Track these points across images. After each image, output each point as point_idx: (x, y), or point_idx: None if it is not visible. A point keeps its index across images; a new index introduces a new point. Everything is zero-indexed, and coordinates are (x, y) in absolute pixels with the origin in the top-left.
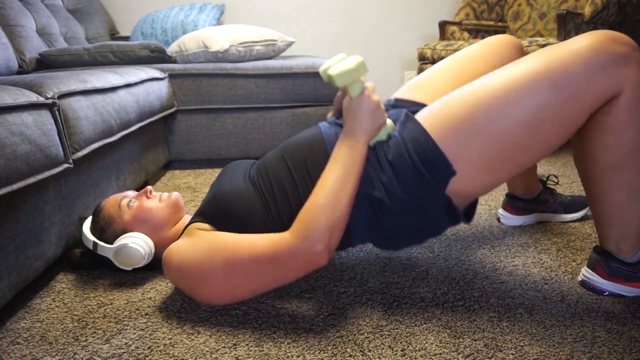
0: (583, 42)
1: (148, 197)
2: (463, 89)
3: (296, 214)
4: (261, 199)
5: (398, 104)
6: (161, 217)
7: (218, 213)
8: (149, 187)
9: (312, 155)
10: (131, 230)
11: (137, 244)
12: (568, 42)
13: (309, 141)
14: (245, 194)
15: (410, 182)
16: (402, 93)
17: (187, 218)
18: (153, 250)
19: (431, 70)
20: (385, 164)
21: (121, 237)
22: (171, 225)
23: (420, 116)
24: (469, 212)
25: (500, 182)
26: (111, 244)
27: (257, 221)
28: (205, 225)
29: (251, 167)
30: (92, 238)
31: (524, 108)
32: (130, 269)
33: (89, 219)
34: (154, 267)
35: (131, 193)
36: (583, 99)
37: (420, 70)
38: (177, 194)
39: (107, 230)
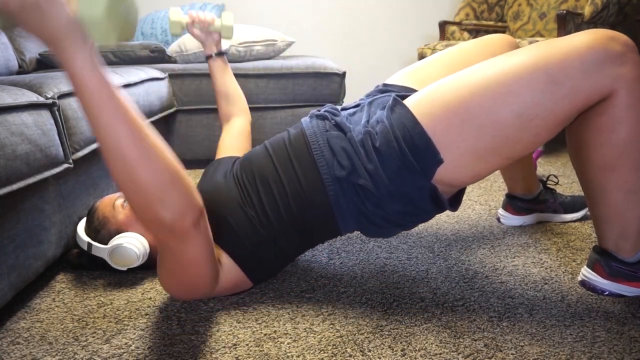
0: (581, 39)
1: None
2: (457, 75)
3: (283, 210)
4: (242, 194)
5: (386, 88)
6: None
7: None
8: None
9: (295, 149)
10: (126, 230)
11: (132, 243)
12: (566, 38)
13: (290, 136)
14: (224, 190)
15: (397, 169)
16: (392, 80)
17: None
18: (148, 250)
19: (424, 60)
20: (371, 152)
21: (115, 237)
22: None
23: (409, 101)
24: (456, 199)
25: (487, 174)
26: (106, 244)
27: (239, 217)
28: None
29: (234, 164)
30: (86, 239)
31: (520, 100)
32: (125, 269)
33: (83, 219)
34: (150, 267)
35: None
36: (578, 96)
37: None
38: None
39: (102, 230)
